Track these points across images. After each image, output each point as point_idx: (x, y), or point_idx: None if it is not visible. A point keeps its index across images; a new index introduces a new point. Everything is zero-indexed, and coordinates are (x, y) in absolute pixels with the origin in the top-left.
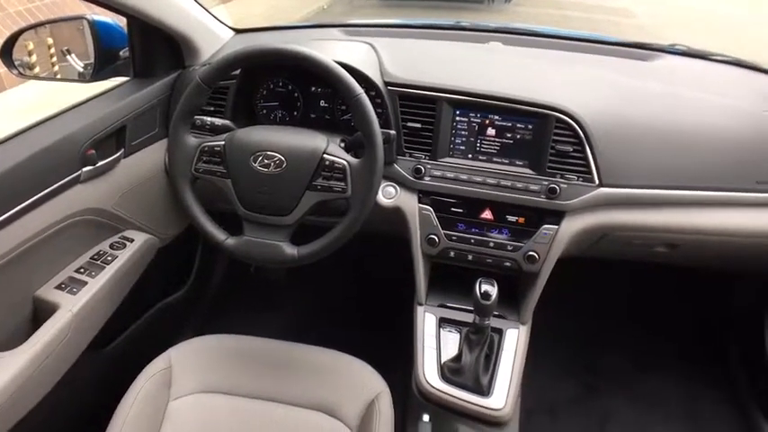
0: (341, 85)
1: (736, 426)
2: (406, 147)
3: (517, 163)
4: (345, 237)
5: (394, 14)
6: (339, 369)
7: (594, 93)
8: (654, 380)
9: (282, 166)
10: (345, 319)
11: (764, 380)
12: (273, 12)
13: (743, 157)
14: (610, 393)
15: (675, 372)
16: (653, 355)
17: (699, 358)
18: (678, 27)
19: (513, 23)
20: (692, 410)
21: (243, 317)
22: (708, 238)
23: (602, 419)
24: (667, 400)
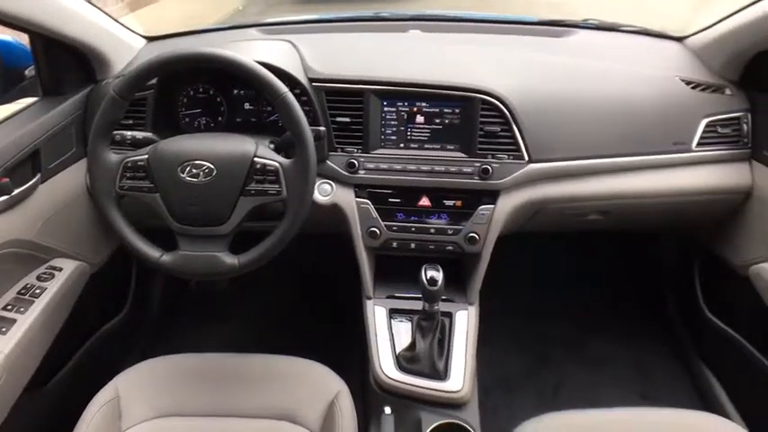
0: (264, 86)
1: (680, 375)
2: (338, 142)
3: (448, 147)
4: (286, 239)
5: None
6: (295, 374)
7: (515, 72)
8: (600, 342)
9: (212, 174)
10: (296, 322)
11: (700, 328)
12: (187, 17)
13: (658, 120)
14: (560, 360)
15: (620, 332)
16: (597, 319)
17: (640, 316)
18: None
19: (432, 10)
20: (639, 367)
21: (189, 334)
22: (635, 201)
23: (556, 386)
24: (615, 361)
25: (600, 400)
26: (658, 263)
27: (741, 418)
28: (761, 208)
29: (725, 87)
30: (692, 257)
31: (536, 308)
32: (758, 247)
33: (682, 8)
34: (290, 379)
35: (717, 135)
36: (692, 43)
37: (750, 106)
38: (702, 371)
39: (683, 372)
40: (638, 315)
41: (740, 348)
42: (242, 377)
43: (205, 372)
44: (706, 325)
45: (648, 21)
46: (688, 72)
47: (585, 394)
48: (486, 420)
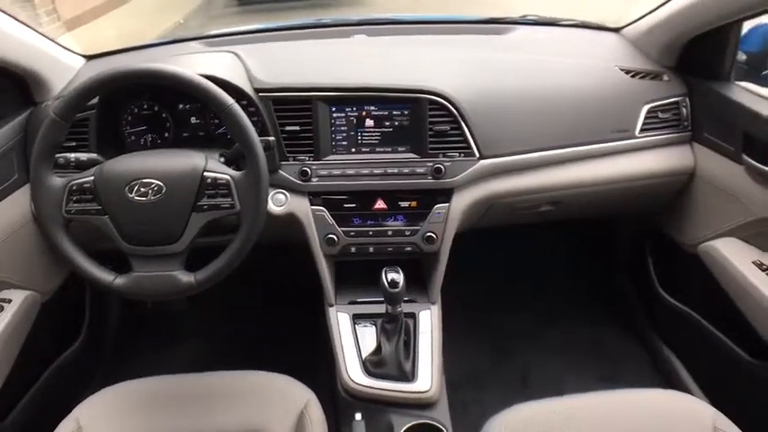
0: (209, 99)
1: (640, 354)
2: (289, 151)
3: (400, 149)
4: (242, 253)
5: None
6: (262, 388)
7: (460, 71)
8: (562, 329)
9: (162, 191)
10: (260, 336)
11: (655, 307)
12: (127, 34)
13: (601, 110)
14: (525, 351)
15: (579, 318)
16: (557, 307)
17: (597, 300)
18: None
19: (374, 14)
20: (601, 350)
21: (151, 357)
22: (585, 190)
23: (523, 377)
24: (577, 346)
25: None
26: (611, 247)
27: (702, 392)
28: (704, 188)
29: (662, 74)
30: (643, 239)
31: (497, 301)
32: (705, 226)
33: (616, 0)
34: (256, 394)
35: (658, 120)
36: (628, 33)
37: (687, 91)
38: (661, 349)
39: (642, 351)
40: (596, 299)
41: (694, 324)
42: (208, 396)
43: (169, 394)
44: (661, 304)
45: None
46: (626, 61)
47: (552, 383)
48: (457, 417)
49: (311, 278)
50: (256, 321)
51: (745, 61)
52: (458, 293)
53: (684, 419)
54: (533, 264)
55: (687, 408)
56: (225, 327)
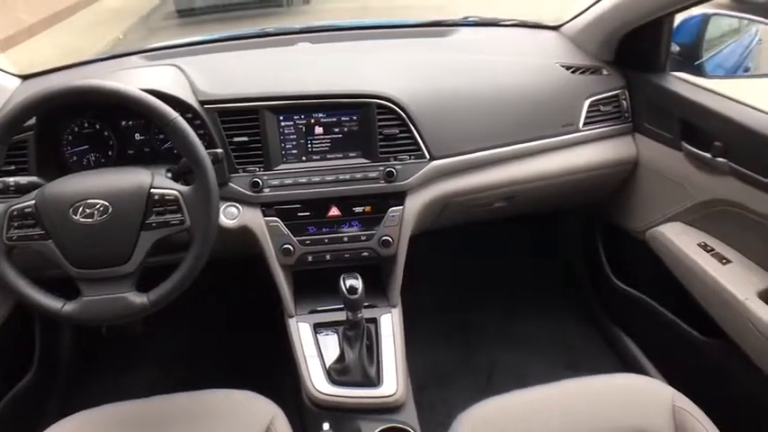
0: (152, 114)
1: (599, 341)
2: (238, 163)
3: (351, 155)
4: (195, 270)
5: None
6: (225, 407)
7: (406, 74)
8: (522, 323)
9: (108, 212)
10: (221, 352)
11: (610, 294)
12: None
13: (545, 106)
14: (488, 347)
15: (539, 310)
16: (517, 301)
17: (554, 291)
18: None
19: (318, 22)
20: (561, 340)
21: (109, 384)
22: (535, 184)
23: (488, 372)
24: (538, 338)
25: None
26: (564, 239)
27: (659, 373)
28: (648, 176)
29: (601, 68)
30: (594, 229)
31: (458, 300)
32: (651, 213)
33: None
34: (221, 413)
35: (600, 113)
36: (567, 30)
37: (626, 83)
38: (618, 334)
39: (601, 338)
40: (553, 290)
41: (647, 308)
42: (170, 420)
43: (130, 421)
44: (614, 291)
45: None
46: (566, 57)
47: (516, 376)
48: (425, 418)
49: (270, 290)
50: (217, 338)
51: (679, 52)
52: (418, 295)
53: (645, 400)
54: (491, 260)
55: (646, 389)
56: (184, 346)
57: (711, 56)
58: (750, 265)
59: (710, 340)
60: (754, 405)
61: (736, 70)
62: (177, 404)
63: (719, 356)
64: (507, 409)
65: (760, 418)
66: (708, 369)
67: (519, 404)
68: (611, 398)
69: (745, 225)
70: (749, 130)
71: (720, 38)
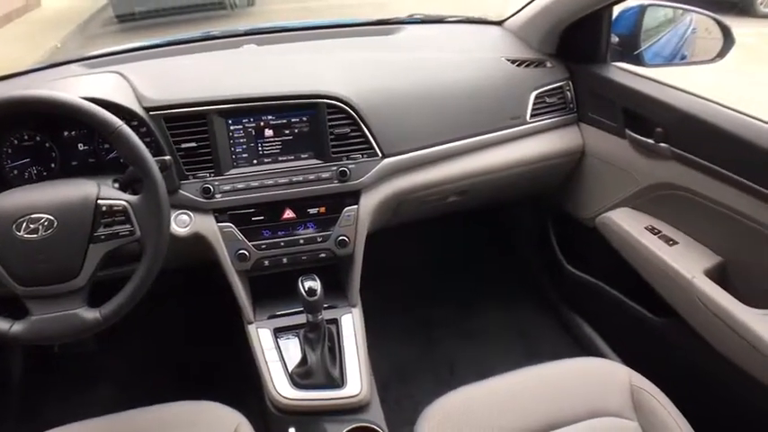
0: (96, 122)
1: (557, 328)
2: (188, 169)
3: (303, 156)
4: (148, 281)
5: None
6: (189, 418)
7: (354, 73)
8: (482, 314)
9: (53, 226)
10: (180, 363)
11: (564, 281)
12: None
13: (493, 100)
14: (447, 340)
15: (497, 300)
16: (475, 293)
17: (511, 281)
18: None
19: (263, 24)
20: (520, 328)
21: (64, 404)
22: (487, 177)
23: (450, 365)
24: (497, 328)
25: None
26: (518, 229)
27: (616, 354)
28: (594, 164)
29: (545, 61)
30: (546, 219)
31: (416, 295)
32: (599, 200)
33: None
34: (184, 425)
35: (546, 105)
36: (510, 25)
37: (569, 75)
38: (575, 320)
39: (558, 324)
40: (509, 281)
41: (601, 292)
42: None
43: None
44: (568, 277)
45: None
46: (511, 52)
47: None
48: (391, 415)
49: (228, 297)
50: (176, 349)
51: (618, 43)
52: (377, 293)
53: (604, 382)
54: (448, 255)
55: (604, 371)
56: (143, 360)
57: (649, 45)
58: (696, 245)
59: (662, 319)
60: (707, 378)
61: (674, 58)
62: (140, 419)
63: (671, 334)
64: (470, 400)
65: (713, 390)
66: (661, 347)
67: (481, 395)
68: (570, 382)
69: (689, 207)
70: (688, 115)
71: (657, 28)
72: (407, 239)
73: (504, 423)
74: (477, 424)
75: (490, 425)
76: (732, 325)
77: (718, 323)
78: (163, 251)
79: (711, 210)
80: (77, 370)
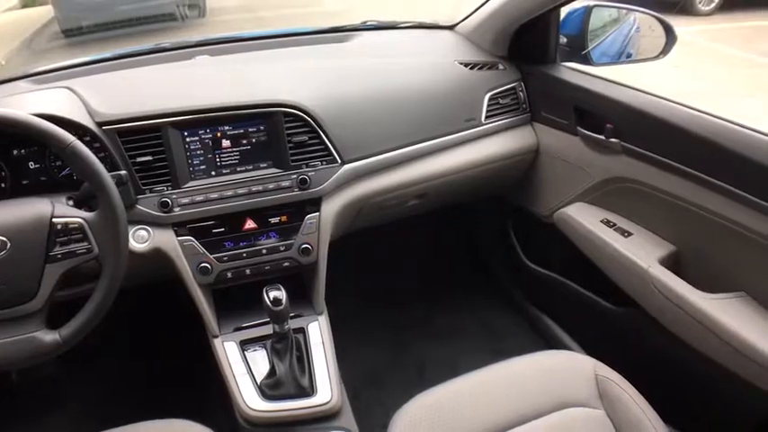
0: (47, 139)
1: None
2: (144, 183)
3: (262, 166)
4: (109, 299)
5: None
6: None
7: (310, 81)
8: (447, 314)
9: (6, 247)
10: (146, 383)
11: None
12: None
13: (447, 103)
14: (418, 343)
15: (462, 300)
16: (440, 295)
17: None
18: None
19: (215, 35)
20: (485, 327)
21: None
22: (446, 179)
23: (419, 368)
24: (464, 328)
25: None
26: (479, 229)
27: (579, 346)
28: (549, 162)
29: (497, 63)
30: (505, 218)
31: (380, 299)
32: (555, 196)
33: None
34: None
35: (500, 106)
36: (461, 29)
37: (521, 76)
38: (538, 315)
39: (522, 320)
40: (472, 280)
41: (561, 286)
42: None
43: None
44: (529, 274)
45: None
46: (463, 55)
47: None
48: (363, 421)
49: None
50: (143, 368)
51: (567, 43)
52: (343, 299)
53: (569, 374)
54: (411, 258)
55: (569, 363)
56: (107, 381)
57: (596, 45)
58: (650, 235)
59: (621, 309)
60: (667, 364)
61: (620, 57)
62: None
63: (631, 323)
64: (440, 401)
65: (674, 374)
66: (622, 336)
67: (450, 394)
68: (536, 376)
69: (642, 199)
70: (635, 110)
71: (603, 28)
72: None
73: (475, 420)
74: (447, 424)
75: (461, 424)
76: (688, 310)
77: (674, 309)
78: (122, 268)
79: (662, 200)
80: (38, 397)
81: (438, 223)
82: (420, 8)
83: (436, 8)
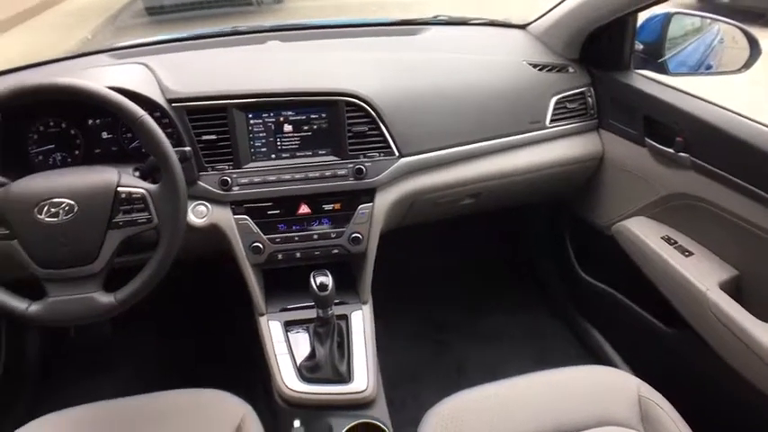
0: (120, 111)
1: (567, 335)
2: (207, 161)
3: (320, 153)
4: (163, 268)
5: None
6: (195, 406)
7: (376, 72)
8: (493, 317)
9: (74, 211)
10: (192, 352)
11: (577, 288)
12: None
13: (513, 103)
14: (460, 342)
15: (509, 304)
16: (487, 297)
17: (523, 286)
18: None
19: (289, 21)
20: (531, 334)
21: (77, 387)
22: (503, 181)
23: (459, 367)
24: (509, 332)
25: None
26: (532, 234)
27: (626, 364)
28: (613, 171)
29: (568, 66)
30: (561, 224)
31: (427, 296)
32: (616, 207)
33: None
34: (191, 412)
35: (566, 110)
36: (533, 29)
37: (591, 81)
38: (586, 327)
39: (569, 331)
40: (521, 285)
41: (614, 301)
42: (141, 419)
43: (97, 422)
44: (582, 284)
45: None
46: (533, 56)
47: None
48: (396, 413)
49: (241, 289)
50: (188, 338)
51: (643, 50)
52: (389, 292)
53: (612, 391)
54: (461, 257)
55: (613, 380)
56: (155, 347)
57: (674, 54)
58: (711, 257)
59: (674, 330)
60: (717, 393)
61: (698, 68)
62: (147, 404)
63: (682, 346)
64: (475, 402)
65: (722, 404)
66: (672, 359)
67: (486, 398)
68: (577, 389)
69: (707, 218)
70: (709, 125)
71: (683, 36)
72: (422, 241)
73: (509, 426)
74: (480, 426)
75: (493, 428)
76: (744, 339)
77: (730, 336)
78: (179, 240)
79: (729, 222)
80: (91, 355)
81: (489, 224)
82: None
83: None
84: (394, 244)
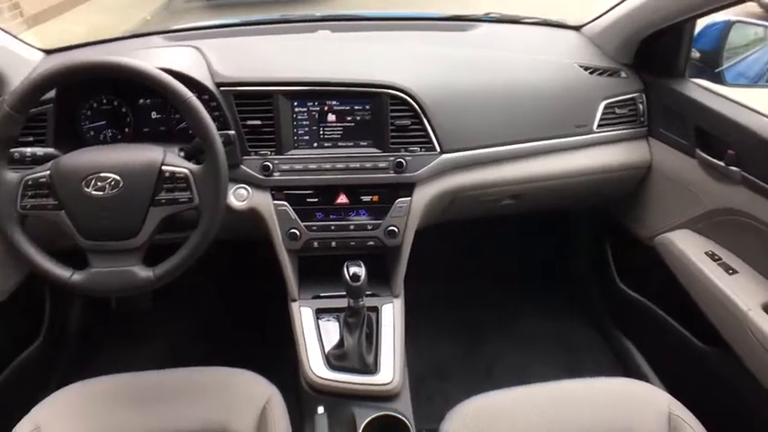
0: (168, 92)
1: (601, 345)
2: (250, 146)
3: (362, 144)
4: (201, 247)
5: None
6: (223, 384)
7: (422, 66)
8: (525, 322)
9: (119, 186)
10: (222, 333)
11: (615, 298)
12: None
13: (560, 105)
14: (489, 343)
15: (542, 309)
16: (521, 300)
17: (559, 293)
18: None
19: (340, 11)
20: (563, 341)
21: (112, 358)
22: (545, 184)
23: (488, 368)
24: (541, 337)
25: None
26: (572, 240)
27: (658, 379)
28: (660, 181)
29: (620, 71)
30: (602, 232)
31: (461, 295)
32: (661, 219)
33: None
34: (218, 389)
35: (615, 116)
36: (587, 31)
37: (644, 87)
38: (620, 339)
39: (602, 341)
40: (558, 292)
41: (651, 314)
42: (169, 393)
43: (129, 392)
44: (619, 295)
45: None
46: (585, 58)
47: (516, 373)
48: (421, 408)
49: (272, 273)
50: (221, 317)
51: (700, 59)
52: (422, 287)
53: (641, 406)
54: (496, 257)
55: (644, 394)
56: (189, 324)
57: (733, 64)
58: (756, 276)
59: (712, 349)
60: (751, 416)
61: (759, 80)
62: (176, 379)
63: (720, 366)
64: (500, 404)
65: (754, 427)
66: (707, 378)
67: (512, 400)
68: (606, 401)
69: (754, 235)
70: (763, 140)
71: (745, 46)
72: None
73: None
74: (503, 429)
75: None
76: None
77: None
78: (218, 220)
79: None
80: (130, 327)
81: (528, 226)
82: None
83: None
84: (430, 240)
